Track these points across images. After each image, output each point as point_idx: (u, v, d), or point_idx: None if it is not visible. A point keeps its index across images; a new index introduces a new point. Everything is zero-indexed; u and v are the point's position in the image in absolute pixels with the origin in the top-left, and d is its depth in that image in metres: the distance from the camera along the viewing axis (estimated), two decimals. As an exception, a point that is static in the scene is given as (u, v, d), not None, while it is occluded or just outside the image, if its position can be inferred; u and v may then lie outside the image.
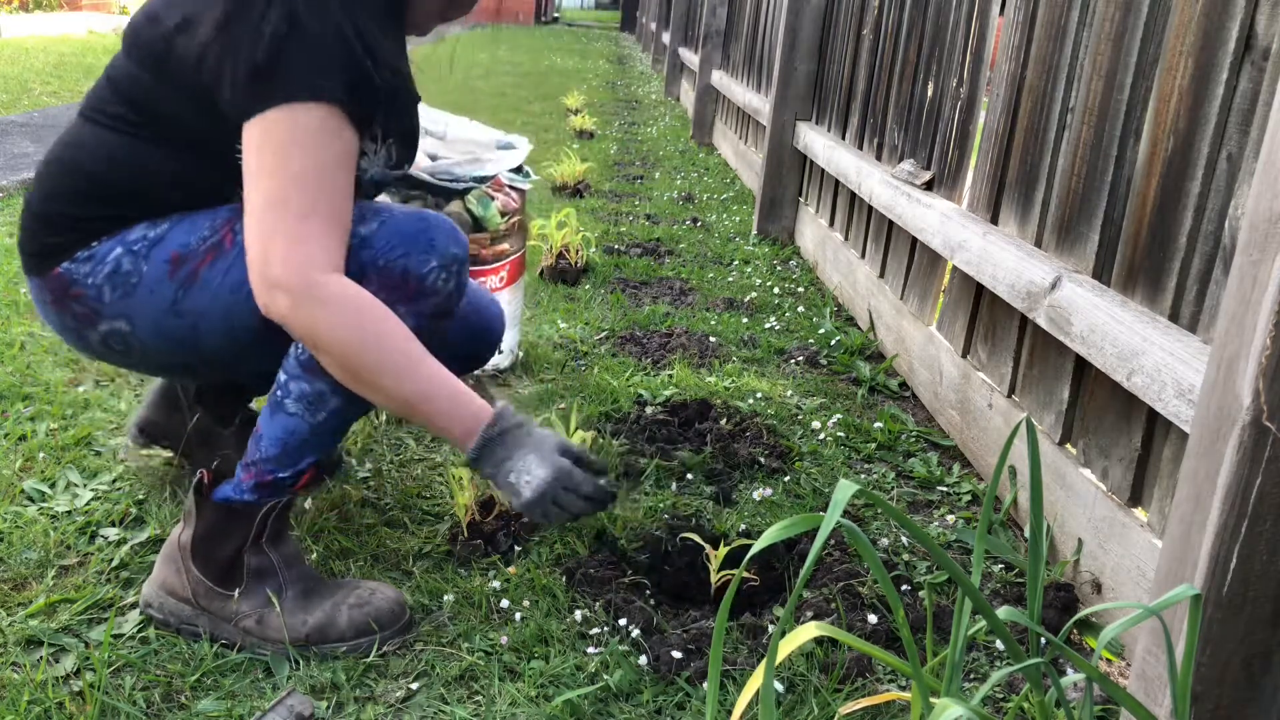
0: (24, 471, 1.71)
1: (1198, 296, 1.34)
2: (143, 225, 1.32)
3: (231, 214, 1.32)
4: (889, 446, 2.05)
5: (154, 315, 1.30)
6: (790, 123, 3.87)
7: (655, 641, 1.33)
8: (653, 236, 3.80)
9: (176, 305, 1.30)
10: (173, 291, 1.30)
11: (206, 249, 1.30)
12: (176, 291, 1.30)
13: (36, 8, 11.36)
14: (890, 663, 0.90)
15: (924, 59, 2.60)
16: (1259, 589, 0.91)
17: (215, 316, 1.30)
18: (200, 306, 1.30)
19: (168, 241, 1.31)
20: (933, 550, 0.77)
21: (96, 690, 1.19)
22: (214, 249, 1.30)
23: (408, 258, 1.28)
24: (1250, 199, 0.91)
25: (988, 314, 2.01)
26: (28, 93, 6.24)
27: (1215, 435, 0.91)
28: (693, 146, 6.46)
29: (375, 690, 1.24)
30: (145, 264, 1.30)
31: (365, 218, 1.30)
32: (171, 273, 1.30)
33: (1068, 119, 1.73)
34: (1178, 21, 1.42)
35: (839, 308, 3.05)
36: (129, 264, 1.30)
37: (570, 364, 2.38)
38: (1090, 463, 1.58)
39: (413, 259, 1.28)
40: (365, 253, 1.28)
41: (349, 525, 1.60)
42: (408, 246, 1.28)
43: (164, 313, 1.30)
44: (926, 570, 1.58)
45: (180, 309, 1.30)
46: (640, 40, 17.34)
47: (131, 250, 1.31)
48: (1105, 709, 1.27)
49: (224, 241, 1.30)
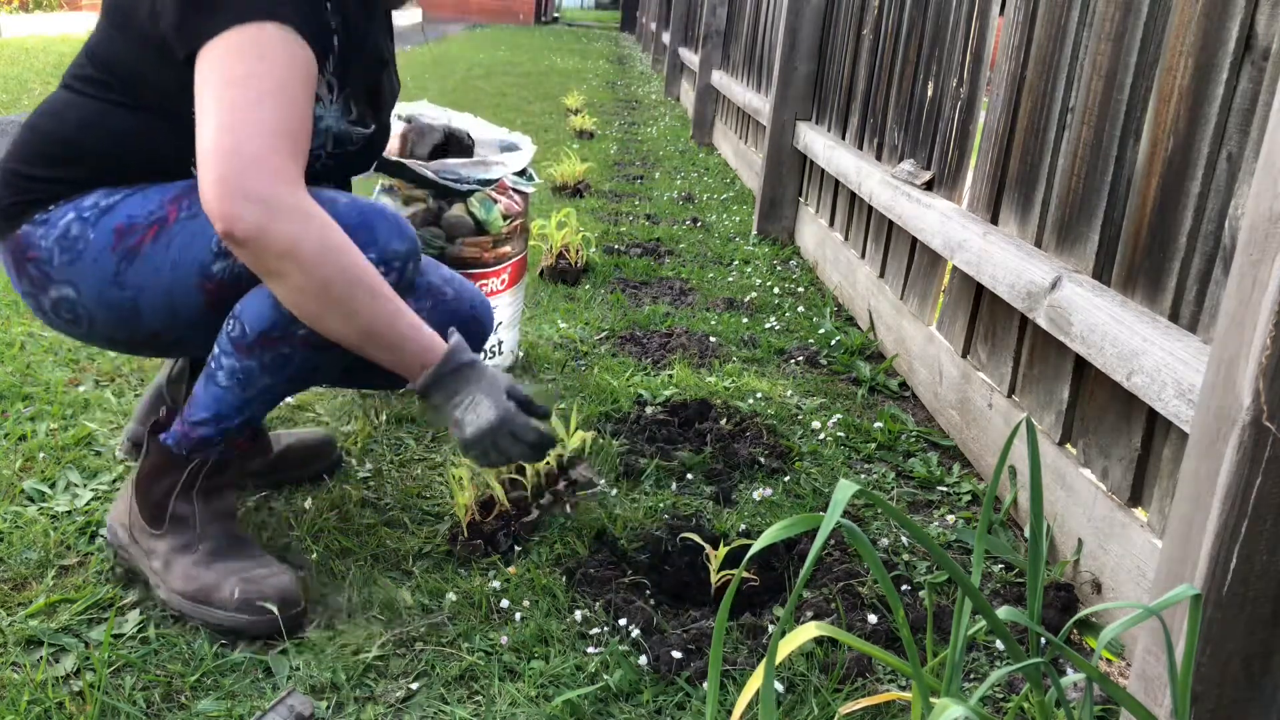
0: (24, 471, 1.71)
1: (1198, 296, 1.34)
2: (99, 192, 1.32)
3: (183, 189, 1.32)
4: (889, 446, 2.05)
5: (98, 285, 1.31)
6: (790, 123, 3.87)
7: (655, 641, 1.33)
8: (653, 236, 3.80)
9: (119, 277, 1.30)
10: (115, 263, 1.30)
11: (151, 222, 1.30)
12: (119, 264, 1.30)
13: (36, 8, 11.35)
14: (890, 663, 0.90)
15: (924, 59, 2.60)
16: (1259, 589, 0.91)
17: (157, 292, 1.31)
18: (141, 281, 1.30)
19: (117, 211, 1.31)
20: (933, 550, 0.77)
21: (96, 690, 1.19)
22: (159, 223, 1.30)
23: None
24: (1250, 199, 0.91)
25: (988, 314, 2.01)
26: (28, 93, 6.24)
27: (1215, 435, 0.92)
28: (693, 146, 6.46)
29: (375, 690, 1.24)
30: (92, 231, 1.31)
31: None
32: (115, 244, 1.30)
33: (1068, 119, 1.73)
34: (1178, 21, 1.42)
35: (839, 308, 3.05)
36: (77, 229, 1.31)
37: (570, 364, 2.38)
38: (1090, 463, 1.58)
39: None
40: None
41: (349, 525, 1.60)
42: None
43: (107, 283, 1.31)
44: (926, 570, 1.58)
45: (123, 281, 1.30)
46: (640, 40, 17.34)
47: (82, 216, 1.31)
48: (1105, 709, 1.27)
49: (168, 216, 1.30)
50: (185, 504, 1.38)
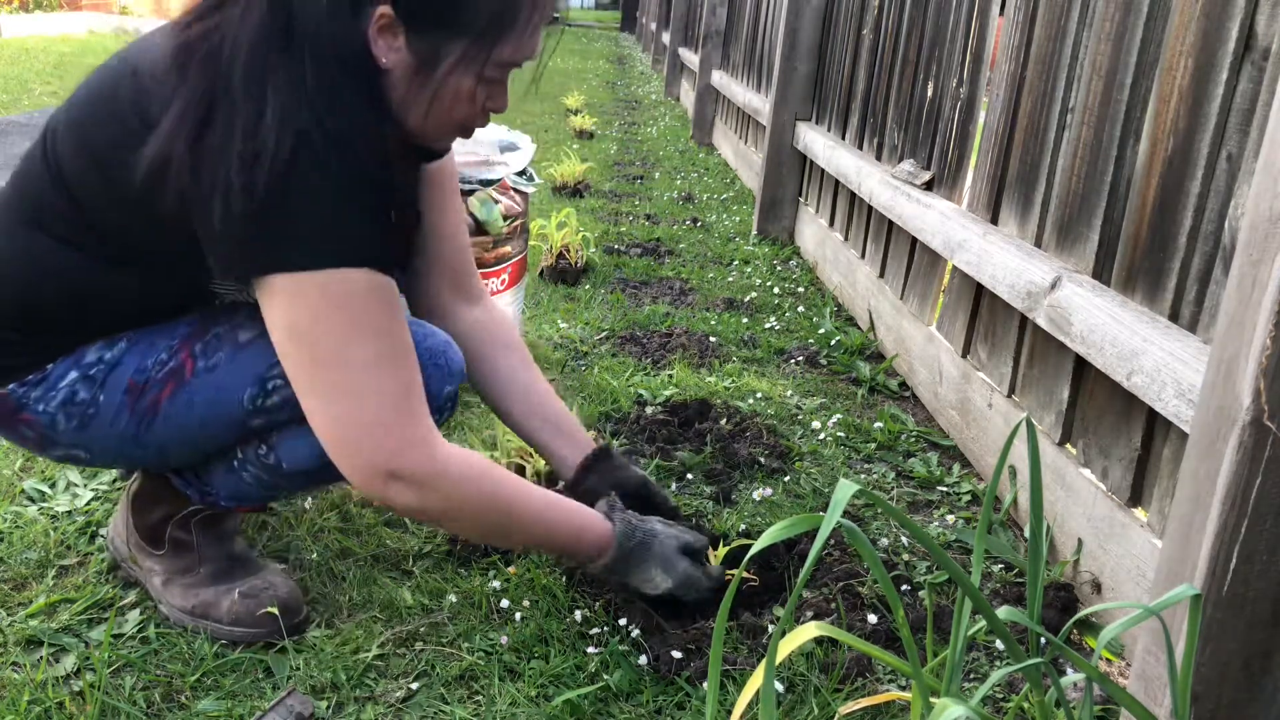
0: (24, 471, 1.71)
1: (1198, 296, 1.34)
2: (98, 346, 1.22)
3: (189, 330, 1.24)
4: (889, 446, 2.05)
5: (115, 446, 1.24)
6: (790, 123, 3.87)
7: (655, 641, 1.33)
8: (653, 236, 3.80)
9: (139, 437, 1.23)
10: (134, 425, 1.22)
11: (165, 375, 1.21)
12: (138, 425, 1.22)
13: (36, 8, 11.35)
14: (890, 663, 0.90)
15: (924, 59, 2.60)
16: (1259, 589, 0.91)
17: (182, 445, 1.26)
18: (163, 439, 1.24)
19: (124, 366, 1.21)
20: (933, 550, 0.77)
21: (96, 690, 1.19)
22: (173, 376, 1.21)
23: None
24: (1250, 199, 0.91)
25: (988, 314, 2.01)
26: (28, 93, 6.24)
27: (1215, 435, 0.91)
28: (693, 146, 6.46)
29: (375, 690, 1.24)
30: (102, 393, 1.21)
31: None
32: (131, 404, 1.21)
33: (1068, 119, 1.73)
34: (1178, 21, 1.42)
35: (839, 308, 3.05)
36: (85, 392, 1.21)
37: (570, 364, 2.38)
38: (1090, 463, 1.58)
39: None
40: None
41: (349, 525, 1.60)
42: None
43: (126, 442, 1.23)
44: (926, 570, 1.58)
45: (143, 441, 1.23)
46: (640, 40, 17.34)
47: (87, 375, 1.21)
48: (1105, 709, 1.27)
49: (184, 369, 1.22)
50: (184, 531, 1.36)
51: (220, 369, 1.22)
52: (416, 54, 1.12)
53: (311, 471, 1.27)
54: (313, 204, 1.06)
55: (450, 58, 1.13)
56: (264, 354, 1.21)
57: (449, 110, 1.17)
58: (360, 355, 1.11)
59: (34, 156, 1.19)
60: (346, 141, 1.07)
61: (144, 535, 1.37)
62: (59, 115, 1.19)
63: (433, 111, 1.17)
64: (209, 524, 1.37)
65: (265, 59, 1.05)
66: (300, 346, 1.11)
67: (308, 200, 1.06)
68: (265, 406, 1.22)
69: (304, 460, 1.25)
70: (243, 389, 1.21)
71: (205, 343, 1.23)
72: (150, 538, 1.37)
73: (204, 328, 1.24)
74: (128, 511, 1.39)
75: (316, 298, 1.09)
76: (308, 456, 1.24)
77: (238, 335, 1.23)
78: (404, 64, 1.13)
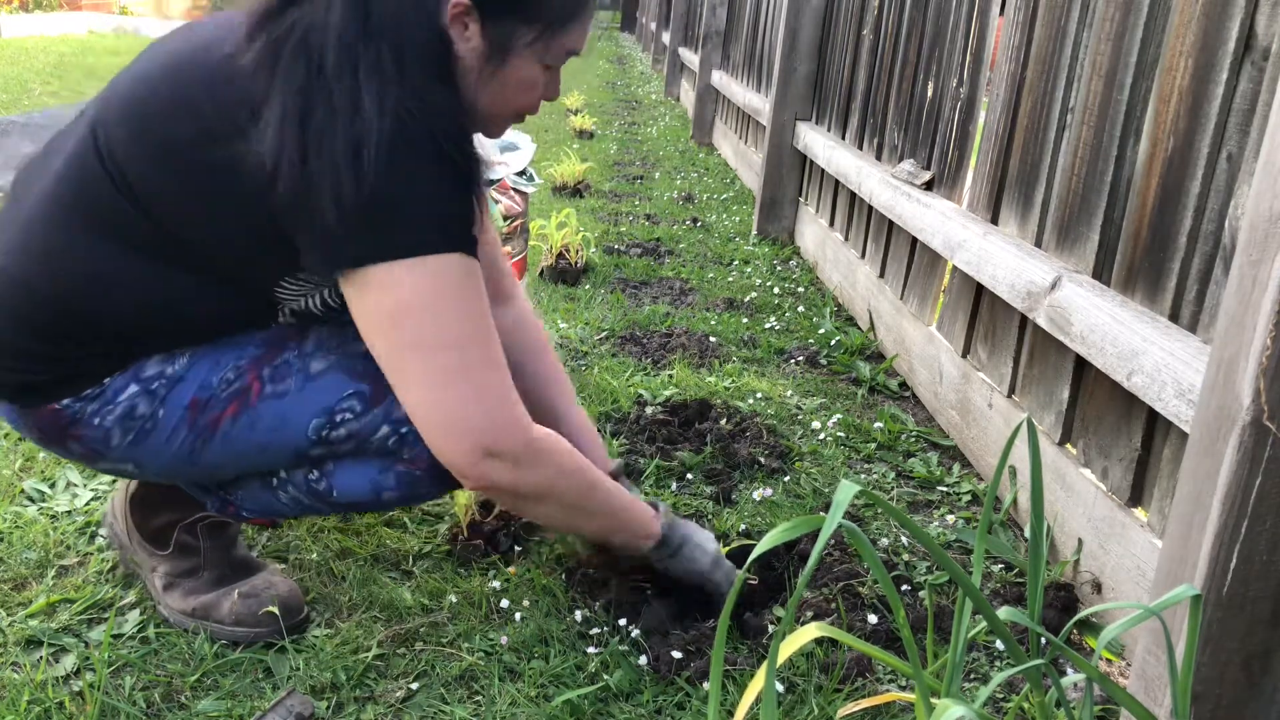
0: (24, 471, 1.71)
1: (1198, 296, 1.34)
2: (157, 360, 1.19)
3: (259, 353, 1.21)
4: (889, 446, 2.05)
5: (167, 461, 1.21)
6: (790, 123, 3.87)
7: (655, 641, 1.33)
8: (653, 236, 3.80)
9: (193, 455, 1.21)
10: (190, 442, 1.20)
11: (230, 396, 1.19)
12: (195, 442, 1.20)
13: (36, 8, 11.35)
14: (891, 663, 0.90)
15: (924, 59, 2.60)
16: (1259, 589, 0.91)
17: (235, 465, 1.25)
18: (219, 460, 1.22)
19: (187, 383, 1.19)
20: (933, 550, 0.77)
21: (96, 690, 1.19)
22: (238, 398, 1.19)
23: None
24: (1250, 199, 0.91)
25: (988, 314, 2.01)
26: (28, 93, 6.24)
27: (1215, 435, 0.91)
28: (693, 146, 6.46)
29: (375, 690, 1.24)
30: (163, 409, 1.18)
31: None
32: (191, 420, 1.19)
33: (1068, 119, 1.73)
34: (1178, 21, 1.42)
35: (839, 308, 3.05)
36: (145, 407, 1.18)
37: (570, 364, 2.38)
38: (1090, 463, 1.58)
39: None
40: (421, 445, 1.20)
41: (349, 525, 1.60)
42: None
43: (180, 459, 1.21)
44: (926, 570, 1.58)
45: (196, 458, 1.21)
46: (640, 40, 17.34)
47: (149, 390, 1.18)
48: (1105, 709, 1.27)
49: (250, 390, 1.20)
50: (190, 535, 1.35)
51: (289, 397, 1.20)
52: (489, 41, 1.16)
53: (360, 503, 1.28)
54: (416, 189, 1.08)
55: (521, 45, 1.17)
56: (336, 387, 1.21)
57: (512, 97, 1.21)
58: (457, 340, 1.13)
59: (84, 158, 1.14)
60: (438, 124, 1.09)
61: (147, 536, 1.37)
62: (105, 115, 1.15)
63: (498, 97, 1.20)
64: (215, 529, 1.36)
65: (352, 48, 1.07)
66: (399, 332, 1.11)
67: (412, 186, 1.07)
68: (330, 439, 1.22)
69: (357, 492, 1.26)
70: (309, 419, 1.21)
71: (275, 367, 1.21)
72: (154, 539, 1.37)
73: (274, 351, 1.22)
74: (126, 510, 1.39)
75: (419, 283, 1.10)
76: (362, 489, 1.25)
77: (310, 365, 1.22)
78: (476, 51, 1.16)
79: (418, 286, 1.10)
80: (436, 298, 1.11)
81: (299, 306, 1.24)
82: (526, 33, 1.17)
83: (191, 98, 1.11)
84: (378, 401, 1.21)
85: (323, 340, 1.24)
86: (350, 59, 1.06)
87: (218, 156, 1.09)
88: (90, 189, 1.14)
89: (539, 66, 1.20)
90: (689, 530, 1.42)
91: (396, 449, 1.23)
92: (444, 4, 1.12)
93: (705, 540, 1.42)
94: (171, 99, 1.12)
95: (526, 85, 1.21)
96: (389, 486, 1.25)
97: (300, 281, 1.20)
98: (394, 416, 1.21)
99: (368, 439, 1.22)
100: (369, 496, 1.26)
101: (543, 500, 1.24)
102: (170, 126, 1.11)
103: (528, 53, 1.18)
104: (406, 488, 1.25)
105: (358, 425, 1.21)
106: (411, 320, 1.11)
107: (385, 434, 1.22)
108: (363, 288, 1.11)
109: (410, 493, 1.27)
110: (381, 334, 1.13)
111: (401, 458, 1.23)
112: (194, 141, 1.10)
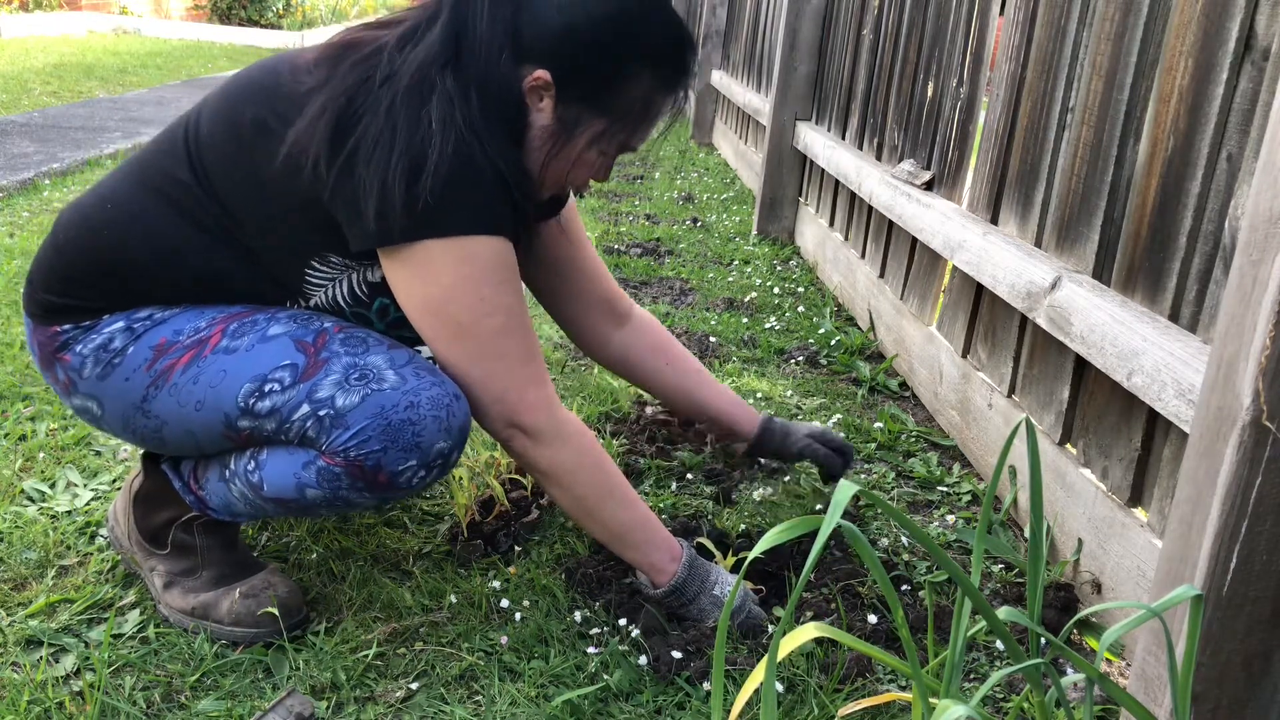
0: (24, 471, 1.71)
1: (1198, 296, 1.34)
2: (156, 306, 1.27)
3: (241, 310, 1.27)
4: (889, 446, 2.05)
5: (123, 408, 1.26)
6: (790, 123, 3.87)
7: (655, 641, 1.33)
8: (653, 236, 3.80)
9: (145, 403, 1.25)
10: (144, 386, 1.24)
11: (191, 344, 1.24)
12: (148, 388, 1.24)
13: (36, 8, 11.35)
14: (890, 663, 0.90)
15: (924, 59, 2.60)
16: (1259, 589, 0.91)
17: (180, 427, 1.26)
18: (165, 414, 1.25)
19: (165, 325, 1.25)
20: (933, 550, 0.77)
21: (96, 690, 1.19)
22: (195, 348, 1.24)
23: (384, 454, 1.18)
24: (1250, 199, 0.91)
25: (988, 314, 2.01)
26: (28, 93, 6.24)
27: (1215, 435, 0.91)
28: (693, 146, 6.46)
29: (375, 690, 1.24)
30: (133, 345, 1.24)
31: (348, 382, 1.20)
32: (151, 362, 1.24)
33: (1068, 119, 1.73)
34: (1178, 21, 1.42)
35: (839, 308, 3.05)
36: (120, 341, 1.25)
37: (570, 364, 2.38)
38: (1090, 462, 1.58)
39: (389, 455, 1.19)
40: (337, 433, 1.19)
41: (349, 525, 1.60)
42: (387, 441, 1.18)
43: (132, 407, 1.26)
44: (926, 570, 1.58)
45: (148, 409, 1.25)
46: (640, 40, 17.30)
47: (130, 327, 1.25)
48: (1105, 709, 1.27)
49: (209, 341, 1.24)
50: (188, 534, 1.36)
51: (238, 354, 1.23)
52: (559, 119, 1.26)
53: (287, 501, 1.25)
54: (466, 195, 1.18)
55: (588, 131, 1.27)
56: (277, 354, 1.21)
57: (567, 172, 1.31)
58: (490, 327, 1.22)
59: (174, 129, 1.30)
60: (493, 155, 1.19)
61: (146, 535, 1.38)
62: (212, 95, 1.30)
63: (554, 168, 1.29)
64: (212, 528, 1.36)
65: (430, 78, 1.17)
66: (443, 310, 1.21)
67: (463, 191, 1.17)
68: (254, 409, 1.21)
69: (283, 487, 1.24)
70: (243, 383, 1.21)
71: (242, 323, 1.25)
72: (153, 538, 1.37)
73: (251, 311, 1.28)
74: (130, 508, 1.39)
75: (452, 267, 1.19)
76: (287, 484, 1.24)
77: (269, 328, 1.24)
78: (544, 121, 1.26)
79: (450, 269, 1.19)
80: (464, 282, 1.19)
81: (322, 299, 1.31)
82: (596, 122, 1.26)
83: (268, 84, 1.24)
84: (306, 377, 1.20)
85: (299, 312, 1.28)
86: (425, 86, 1.17)
87: (274, 137, 1.19)
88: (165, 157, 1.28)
89: (598, 153, 1.30)
90: (709, 580, 1.37)
91: (315, 436, 1.19)
92: (527, 72, 1.22)
93: (724, 590, 1.37)
94: (251, 81, 1.26)
95: (582, 165, 1.30)
96: (311, 484, 1.22)
97: (331, 266, 1.27)
98: (315, 397, 1.19)
99: (288, 419, 1.20)
100: (294, 494, 1.24)
101: (558, 483, 1.31)
102: (248, 106, 1.23)
103: (594, 140, 1.28)
104: (329, 488, 1.22)
105: (282, 399, 1.20)
106: (443, 300, 1.20)
107: (304, 414, 1.19)
108: (405, 262, 1.20)
109: (333, 494, 1.22)
110: (426, 308, 1.22)
111: (319, 448, 1.20)
112: (257, 118, 1.22)
